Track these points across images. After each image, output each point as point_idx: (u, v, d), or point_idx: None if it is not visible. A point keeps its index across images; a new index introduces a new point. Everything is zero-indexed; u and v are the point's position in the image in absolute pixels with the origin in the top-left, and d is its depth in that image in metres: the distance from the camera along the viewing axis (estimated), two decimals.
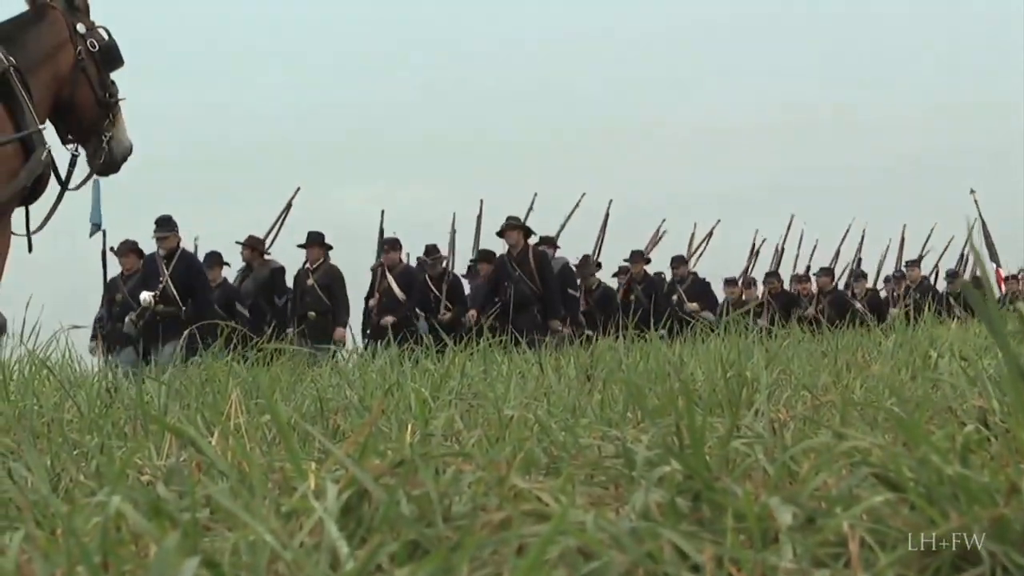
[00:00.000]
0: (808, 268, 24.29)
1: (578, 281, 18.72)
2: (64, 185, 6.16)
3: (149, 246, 15.46)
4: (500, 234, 16.85)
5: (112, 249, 15.04)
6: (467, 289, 18.68)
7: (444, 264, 18.46)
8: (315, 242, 16.64)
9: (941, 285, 25.61)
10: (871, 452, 2.11)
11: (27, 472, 2.72)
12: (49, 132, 6.03)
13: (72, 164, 6.15)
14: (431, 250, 18.46)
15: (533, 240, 17.16)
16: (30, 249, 5.99)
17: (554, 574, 1.69)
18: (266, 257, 17.10)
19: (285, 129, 48.79)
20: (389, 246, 17.53)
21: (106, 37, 6.36)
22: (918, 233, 26.95)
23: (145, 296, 14.40)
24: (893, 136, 48.42)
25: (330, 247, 16.74)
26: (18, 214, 5.92)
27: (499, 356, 6.42)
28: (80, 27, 6.25)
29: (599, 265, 20.31)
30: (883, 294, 24.85)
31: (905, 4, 60.82)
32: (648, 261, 20.77)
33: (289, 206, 18.50)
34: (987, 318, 2.00)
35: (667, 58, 57.18)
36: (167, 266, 14.69)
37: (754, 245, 24.16)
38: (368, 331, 16.90)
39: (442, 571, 1.67)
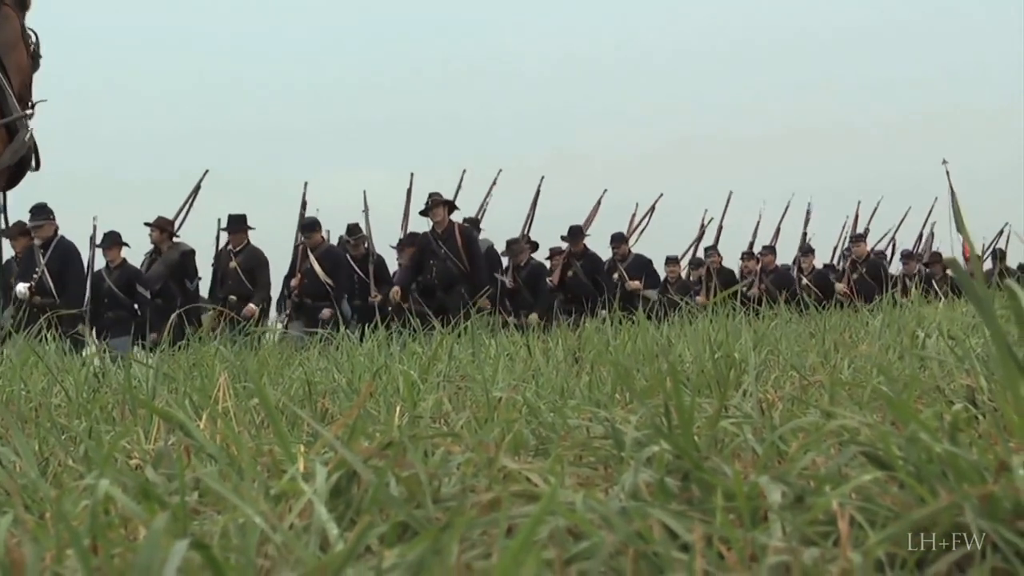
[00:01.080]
0: (751, 244, 23.85)
1: (506, 261, 18.25)
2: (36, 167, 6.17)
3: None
4: (424, 212, 16.19)
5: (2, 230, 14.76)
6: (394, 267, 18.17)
7: (366, 245, 17.95)
8: (237, 225, 16.27)
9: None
10: (860, 431, 2.11)
11: (15, 456, 2.72)
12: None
13: None
14: (353, 229, 17.99)
15: (458, 217, 16.56)
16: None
17: (543, 554, 1.69)
18: (175, 239, 16.56)
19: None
20: (309, 227, 16.89)
21: (33, 39, 6.38)
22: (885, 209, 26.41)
23: (20, 288, 13.95)
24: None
25: (251, 228, 16.35)
26: None
27: (486, 338, 6.43)
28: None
29: (536, 245, 19.38)
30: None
31: None
32: (586, 236, 19.80)
33: (198, 188, 17.57)
34: (975, 297, 2.00)
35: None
36: (43, 256, 14.35)
37: (703, 224, 23.78)
38: (287, 311, 16.44)
39: (431, 552, 1.67)
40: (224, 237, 16.75)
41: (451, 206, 16.31)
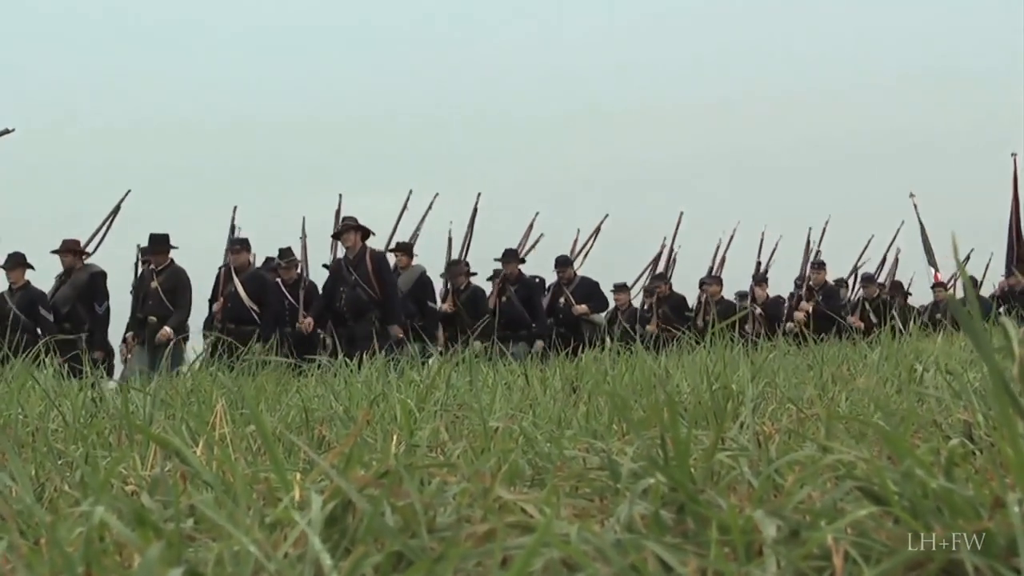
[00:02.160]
0: (710, 271, 23.35)
1: (447, 285, 18.11)
2: None
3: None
4: (336, 236, 15.93)
5: None
6: None
7: (299, 270, 17.59)
8: (159, 245, 15.87)
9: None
10: (856, 465, 2.11)
11: (11, 481, 2.71)
12: None
13: None
14: (285, 253, 17.58)
15: (374, 243, 16.18)
16: None
17: None
18: (86, 261, 16.14)
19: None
20: (240, 246, 16.47)
21: None
22: (838, 236, 25.96)
23: None
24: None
25: (174, 247, 15.95)
26: None
27: (484, 367, 6.43)
28: None
29: (472, 273, 18.78)
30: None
31: None
32: (522, 261, 19.44)
33: (117, 209, 17.12)
34: (972, 332, 2.00)
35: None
36: None
37: (662, 250, 23.49)
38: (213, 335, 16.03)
39: None
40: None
41: (364, 231, 15.90)
